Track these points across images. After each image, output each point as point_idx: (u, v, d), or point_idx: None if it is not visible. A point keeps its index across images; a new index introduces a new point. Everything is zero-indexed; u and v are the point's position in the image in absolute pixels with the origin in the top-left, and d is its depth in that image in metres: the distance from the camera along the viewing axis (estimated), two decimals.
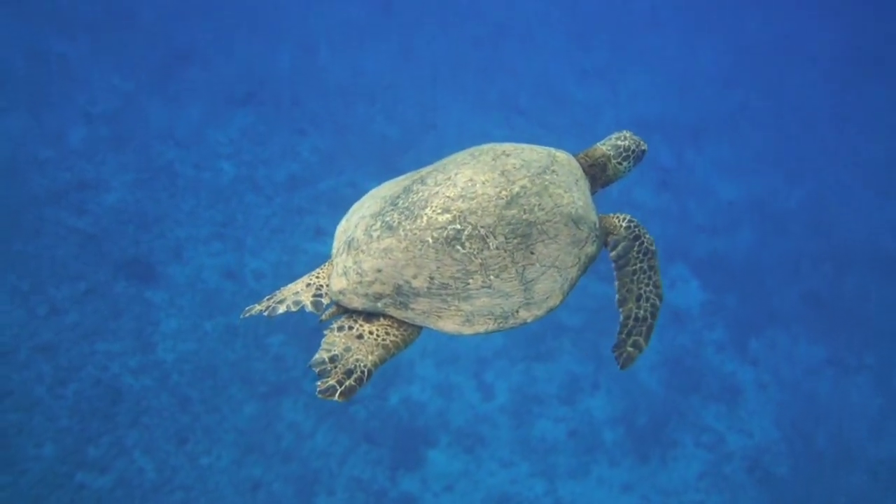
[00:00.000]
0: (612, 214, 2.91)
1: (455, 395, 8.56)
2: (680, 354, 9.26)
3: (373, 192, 2.99)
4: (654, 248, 2.88)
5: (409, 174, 2.97)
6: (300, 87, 11.88)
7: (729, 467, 8.32)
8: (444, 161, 2.88)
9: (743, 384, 9.07)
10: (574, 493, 8.00)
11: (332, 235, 9.55)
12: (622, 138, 3.11)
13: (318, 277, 2.76)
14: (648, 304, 2.86)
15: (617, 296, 2.89)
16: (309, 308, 2.64)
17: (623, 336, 2.85)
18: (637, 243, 2.89)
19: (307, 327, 8.60)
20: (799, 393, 9.01)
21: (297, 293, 2.70)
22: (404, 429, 8.16)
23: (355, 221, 2.81)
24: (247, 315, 2.69)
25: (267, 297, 2.71)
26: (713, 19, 15.78)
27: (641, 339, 2.83)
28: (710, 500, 8.05)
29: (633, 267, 2.89)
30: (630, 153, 3.10)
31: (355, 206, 2.97)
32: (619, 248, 2.88)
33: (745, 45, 14.99)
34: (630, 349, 2.82)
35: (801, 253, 10.72)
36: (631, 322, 2.85)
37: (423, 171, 2.90)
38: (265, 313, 2.65)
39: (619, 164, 3.08)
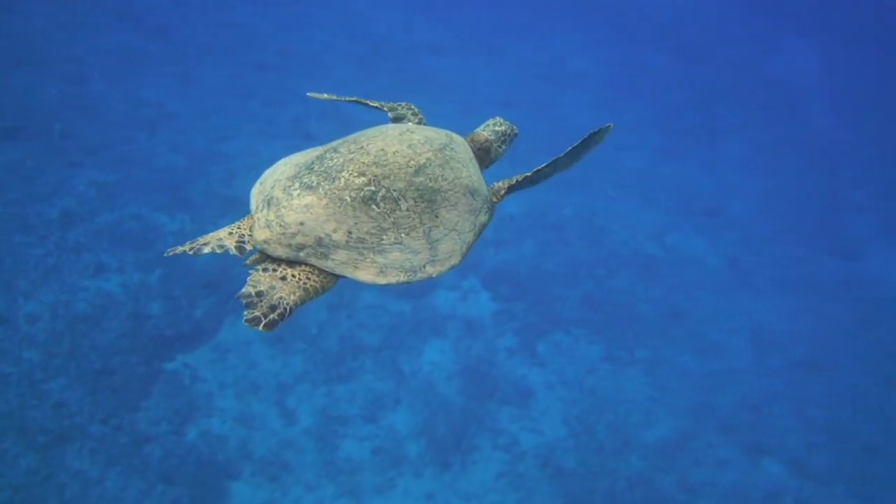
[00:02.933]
0: (493, 183, 3.26)
1: (257, 424, 8.45)
2: (475, 363, 9.69)
3: (282, 161, 3.16)
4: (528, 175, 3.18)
5: (315, 148, 3.17)
6: (72, 118, 11.19)
7: (523, 466, 8.81)
8: (352, 136, 3.09)
9: (533, 386, 9.64)
10: None
11: (115, 271, 9.06)
12: (498, 124, 3.48)
13: (239, 228, 2.90)
14: (550, 165, 3.05)
15: (538, 176, 3.10)
16: (233, 251, 2.80)
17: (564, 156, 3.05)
18: (516, 177, 3.18)
19: (91, 370, 8.18)
20: (582, 390, 9.73)
21: (220, 239, 2.84)
22: (204, 464, 7.94)
23: (270, 184, 2.98)
24: (170, 254, 2.81)
25: (189, 241, 2.83)
26: (490, 44, 16.75)
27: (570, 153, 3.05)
28: (508, 499, 8.48)
29: (526, 176, 3.14)
30: (507, 137, 3.47)
31: (267, 172, 3.12)
32: (516, 184, 3.19)
33: (520, 69, 16.02)
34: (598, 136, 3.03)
35: (577, 260, 11.58)
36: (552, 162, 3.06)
37: (332, 143, 3.09)
38: (190, 252, 2.79)
39: (499, 147, 3.44)
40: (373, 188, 2.81)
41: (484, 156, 3.40)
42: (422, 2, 18.26)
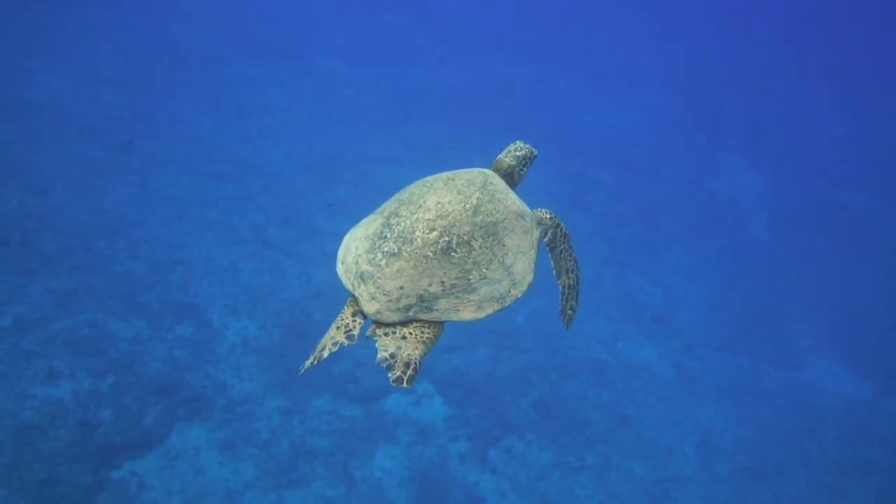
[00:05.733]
0: (536, 209, 3.57)
1: None
2: (427, 469, 9.69)
3: (348, 236, 3.47)
4: (567, 232, 3.67)
5: (373, 215, 3.48)
6: (30, 227, 11.27)
7: None
8: (403, 196, 3.42)
9: (484, 493, 9.64)
10: None
11: (66, 378, 9.02)
12: (518, 149, 3.78)
13: (342, 319, 3.19)
14: (573, 275, 3.73)
15: (554, 272, 3.70)
16: (345, 343, 3.10)
17: (564, 303, 3.70)
18: (559, 229, 3.63)
19: (34, 480, 8.01)
20: (532, 496, 9.74)
21: (332, 337, 3.13)
22: None
23: (353, 260, 3.29)
24: (302, 372, 3.11)
25: (312, 354, 3.12)
26: (442, 157, 17.39)
27: (575, 303, 3.73)
28: None
29: (560, 248, 3.66)
30: (528, 160, 3.77)
31: (340, 251, 3.42)
32: (549, 234, 3.60)
33: None
34: (570, 312, 3.72)
35: (530, 365, 11.78)
36: (566, 290, 3.69)
37: (388, 207, 3.42)
38: (315, 363, 3.07)
39: (521, 170, 3.76)
40: (447, 238, 3.14)
41: (509, 181, 3.72)
42: (376, 118, 19.08)
